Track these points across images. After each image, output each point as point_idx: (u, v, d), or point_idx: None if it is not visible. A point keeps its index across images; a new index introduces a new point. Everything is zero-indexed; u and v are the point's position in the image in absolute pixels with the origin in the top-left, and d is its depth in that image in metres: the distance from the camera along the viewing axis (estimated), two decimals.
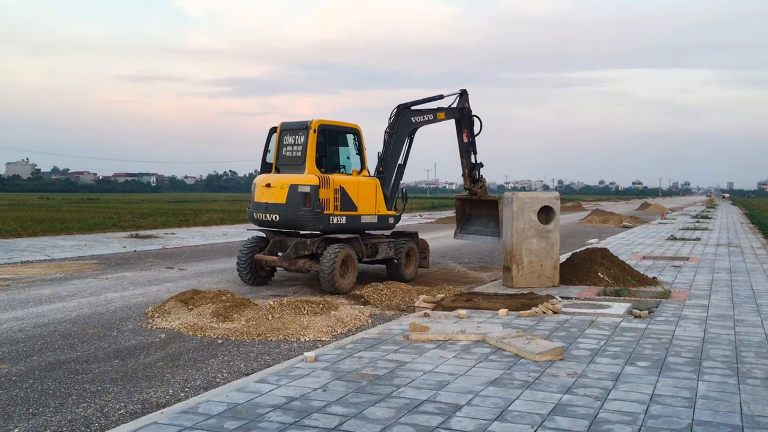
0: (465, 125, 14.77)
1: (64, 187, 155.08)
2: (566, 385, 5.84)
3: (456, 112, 14.65)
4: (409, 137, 13.84)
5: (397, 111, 13.46)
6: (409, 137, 13.82)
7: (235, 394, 5.59)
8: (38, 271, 14.56)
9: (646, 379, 6.03)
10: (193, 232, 27.15)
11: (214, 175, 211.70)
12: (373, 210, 12.73)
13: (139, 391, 6.24)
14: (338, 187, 12.06)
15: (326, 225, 11.93)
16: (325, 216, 11.84)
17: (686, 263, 15.89)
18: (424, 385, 5.84)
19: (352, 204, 12.29)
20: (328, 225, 11.94)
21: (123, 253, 18.65)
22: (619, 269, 12.38)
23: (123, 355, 7.52)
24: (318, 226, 11.91)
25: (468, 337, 7.61)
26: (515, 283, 11.84)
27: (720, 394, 5.61)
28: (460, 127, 14.79)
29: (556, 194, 12.48)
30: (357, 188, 12.45)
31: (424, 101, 14.10)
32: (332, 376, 6.10)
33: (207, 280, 13.55)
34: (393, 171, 13.48)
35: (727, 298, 10.73)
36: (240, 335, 8.37)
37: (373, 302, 10.84)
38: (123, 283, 13.03)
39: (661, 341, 7.58)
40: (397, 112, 13.46)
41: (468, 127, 14.80)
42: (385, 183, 13.24)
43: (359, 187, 12.48)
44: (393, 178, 13.46)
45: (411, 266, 13.61)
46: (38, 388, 6.31)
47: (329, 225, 11.95)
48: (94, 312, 10.02)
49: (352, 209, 12.31)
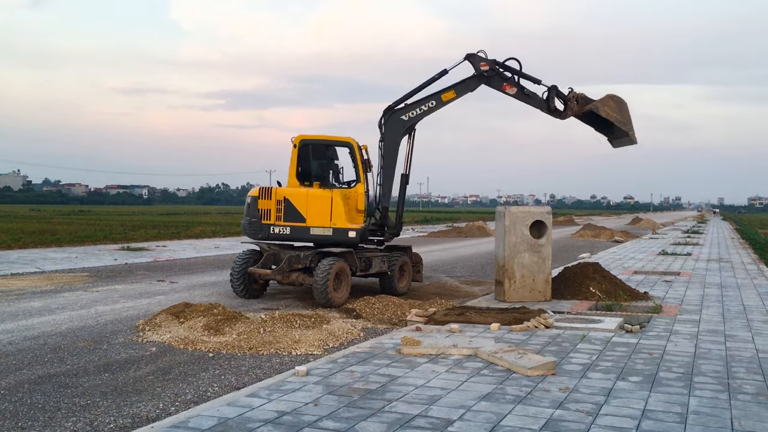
0: (499, 81, 12.81)
1: (55, 198, 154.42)
2: (558, 400, 5.84)
3: (475, 81, 12.84)
4: (409, 138, 13.21)
5: (383, 114, 12.99)
6: (409, 138, 13.19)
7: (226, 409, 5.56)
8: (28, 284, 14.47)
9: (637, 395, 6.04)
10: (184, 245, 27.05)
11: (206, 188, 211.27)
12: (327, 223, 12.39)
13: (129, 405, 6.20)
14: (281, 199, 12.45)
15: (265, 234, 12.53)
16: (264, 225, 12.46)
17: (677, 278, 15.95)
18: (416, 399, 5.82)
19: (299, 215, 12.42)
20: (267, 234, 12.52)
21: (114, 266, 18.56)
22: (611, 284, 12.41)
23: (113, 369, 7.47)
24: (257, 234, 12.59)
25: (460, 352, 7.60)
26: (507, 297, 11.85)
27: (711, 410, 5.62)
28: (499, 87, 12.83)
29: (548, 209, 12.53)
30: (306, 200, 12.47)
31: (423, 86, 12.88)
32: (324, 391, 6.07)
33: (198, 293, 13.50)
34: (390, 182, 13.09)
35: (718, 313, 10.77)
36: (231, 349, 8.33)
37: (365, 316, 10.83)
38: (114, 295, 12.96)
39: (653, 356, 7.59)
40: (383, 116, 13.00)
41: (504, 79, 12.82)
42: (384, 195, 13.06)
43: (308, 199, 12.49)
44: (390, 190, 13.08)
45: (404, 280, 13.61)
46: (27, 402, 6.26)
47: (269, 234, 12.50)
48: (85, 325, 9.96)
49: (299, 220, 12.42)
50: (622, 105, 12.63)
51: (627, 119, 12.60)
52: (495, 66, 12.78)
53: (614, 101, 12.60)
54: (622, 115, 12.56)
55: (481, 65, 12.75)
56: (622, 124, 12.54)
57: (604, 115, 12.47)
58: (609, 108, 12.48)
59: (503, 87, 12.79)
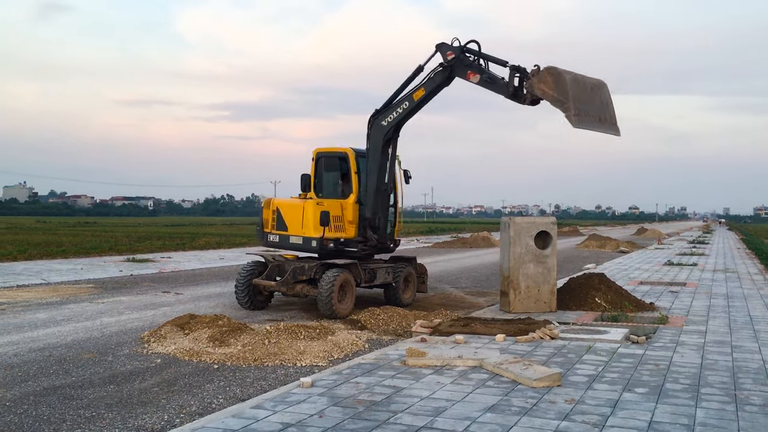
0: (463, 69, 11.84)
1: (61, 210, 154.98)
2: (564, 411, 5.81)
3: (440, 73, 12.03)
4: (385, 144, 12.53)
5: (369, 121, 12.65)
6: (384, 146, 12.51)
7: (231, 420, 5.55)
8: (34, 295, 14.50)
9: (644, 406, 6.01)
10: (189, 256, 27.10)
11: (211, 199, 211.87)
12: (300, 231, 12.69)
13: (134, 416, 6.20)
14: (275, 209, 13.16)
15: (265, 241, 13.35)
16: (264, 233, 13.28)
17: (683, 289, 15.89)
18: (421, 411, 5.81)
19: (284, 224, 13.00)
20: (266, 241, 13.31)
21: (119, 277, 18.59)
22: (617, 294, 12.37)
23: (118, 380, 7.48)
24: (260, 241, 13.55)
25: (465, 363, 7.58)
26: (512, 308, 11.82)
27: (718, 421, 5.58)
28: (464, 75, 11.86)
29: (552, 219, 12.52)
30: (288, 210, 12.99)
31: (403, 87, 12.41)
32: (329, 402, 6.06)
33: (203, 304, 13.51)
34: (372, 191, 12.69)
35: (724, 324, 10.72)
36: (236, 360, 8.33)
37: (370, 327, 10.81)
38: (119, 307, 12.98)
39: (659, 367, 7.56)
40: (369, 122, 12.66)
41: (468, 66, 11.82)
42: (365, 205, 12.85)
43: (290, 210, 12.95)
44: (372, 199, 12.68)
45: (409, 291, 13.60)
46: (33, 414, 6.26)
47: (267, 241, 13.30)
48: (90, 336, 9.98)
49: (284, 229, 13.00)
50: (559, 78, 10.78)
51: (564, 94, 10.66)
52: (461, 53, 11.81)
53: (551, 75, 10.85)
54: (559, 90, 10.72)
55: (448, 54, 11.88)
56: (559, 102, 10.72)
57: (540, 94, 10.95)
58: (545, 85, 10.85)
59: (467, 75, 11.79)
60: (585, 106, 10.84)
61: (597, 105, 11.14)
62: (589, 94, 11.04)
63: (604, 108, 11.25)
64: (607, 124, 11.26)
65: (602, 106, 11.23)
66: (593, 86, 11.25)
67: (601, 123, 11.15)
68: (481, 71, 11.72)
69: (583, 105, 10.80)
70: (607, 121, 11.28)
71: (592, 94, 11.13)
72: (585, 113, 10.83)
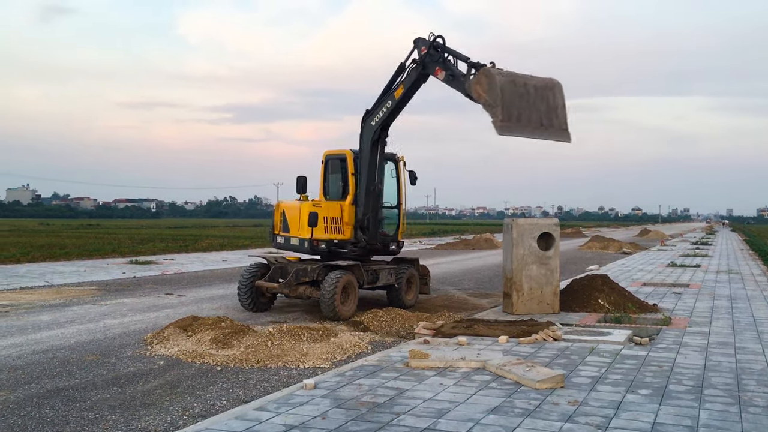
0: (432, 65, 11.49)
1: (64, 212, 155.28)
2: (567, 413, 5.81)
3: (415, 71, 11.77)
4: (374, 145, 12.45)
5: (361, 121, 12.57)
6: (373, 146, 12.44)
7: (234, 422, 5.56)
8: (37, 297, 14.52)
9: (647, 408, 6.00)
10: (192, 258, 27.13)
11: (213, 201, 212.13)
12: (297, 233, 12.88)
13: (137, 419, 6.20)
14: (282, 211, 13.39)
15: (274, 243, 13.63)
16: (275, 235, 13.57)
17: (686, 290, 15.87)
18: (424, 413, 5.80)
19: (287, 226, 13.23)
20: (275, 243, 13.59)
21: (122, 279, 18.62)
22: (620, 296, 12.36)
23: (121, 383, 7.48)
24: (271, 243, 13.86)
25: (468, 364, 7.58)
26: (515, 309, 11.81)
27: (722, 423, 5.57)
28: (433, 71, 11.50)
29: (555, 220, 12.51)
30: (290, 212, 13.20)
31: (388, 86, 12.24)
32: (332, 404, 6.06)
33: (206, 306, 13.52)
34: (362, 192, 12.63)
35: (727, 325, 10.70)
36: (239, 362, 8.33)
37: (373, 329, 10.81)
38: (122, 309, 12.99)
39: (662, 369, 7.55)
40: (361, 123, 12.59)
41: (437, 62, 11.44)
42: (357, 206, 12.84)
43: (291, 212, 13.17)
44: (363, 200, 12.61)
45: (411, 293, 13.59)
46: (36, 416, 6.27)
47: (276, 243, 13.57)
48: (93, 338, 9.99)
49: (287, 231, 13.23)
50: (492, 81, 10.12)
51: (494, 98, 10.03)
52: (433, 48, 11.45)
53: (486, 77, 10.22)
54: (490, 93, 10.09)
55: (422, 50, 11.58)
56: (489, 107, 10.13)
57: (475, 96, 10.40)
58: (480, 87, 10.25)
59: (436, 72, 11.36)
60: (522, 112, 10.21)
61: (539, 110, 10.44)
62: (530, 99, 10.37)
63: (550, 113, 10.51)
64: (550, 130, 10.49)
65: (547, 111, 10.50)
66: (539, 88, 10.52)
67: (540, 129, 10.41)
68: (446, 67, 11.32)
69: (518, 110, 10.19)
70: (553, 126, 10.51)
71: (536, 97, 10.44)
72: (518, 119, 10.19)
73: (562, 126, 10.52)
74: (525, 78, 10.48)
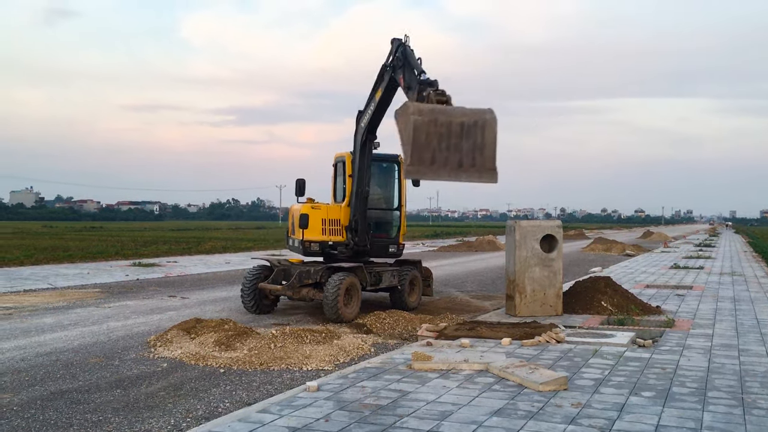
0: (398, 71, 10.92)
1: (67, 215, 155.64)
2: (570, 415, 5.80)
3: (387, 75, 11.40)
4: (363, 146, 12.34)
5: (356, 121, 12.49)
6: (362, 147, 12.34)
7: (238, 425, 5.56)
8: (41, 300, 14.55)
9: (650, 410, 5.99)
10: (195, 260, 27.16)
11: (216, 203, 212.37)
12: (297, 234, 13.12)
13: (140, 421, 6.21)
14: (294, 214, 13.59)
15: (287, 245, 14.27)
16: (289, 237, 14.01)
17: (690, 292, 15.84)
18: (427, 415, 5.80)
19: (294, 228, 13.51)
20: (288, 245, 14.12)
21: (126, 282, 18.64)
22: (623, 298, 12.34)
23: (125, 385, 7.50)
24: (286, 245, 14.42)
25: (471, 367, 7.57)
26: (518, 311, 11.80)
27: (725, 425, 5.56)
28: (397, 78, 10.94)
29: (558, 222, 12.50)
30: (293, 215, 13.52)
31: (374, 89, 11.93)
32: (335, 406, 6.07)
33: (209, 308, 13.54)
34: (353, 195, 12.65)
35: (731, 327, 10.68)
36: (242, 364, 8.34)
37: (376, 331, 10.81)
38: (125, 311, 13.01)
39: (666, 371, 7.54)
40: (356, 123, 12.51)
41: (399, 68, 10.84)
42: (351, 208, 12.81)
43: (294, 214, 13.46)
44: (354, 202, 12.59)
45: (414, 295, 13.59)
46: (40, 418, 6.28)
47: (287, 245, 14.19)
48: (97, 341, 10.01)
49: (293, 233, 13.62)
50: (406, 120, 8.95)
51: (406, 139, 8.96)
52: (401, 54, 10.85)
53: (403, 114, 9.05)
54: (403, 133, 9.06)
55: (395, 55, 11.09)
56: (403, 145, 9.08)
57: (398, 130, 9.25)
58: (400, 123, 9.15)
59: (399, 79, 10.74)
60: (438, 153, 9.04)
61: (461, 150, 9.20)
62: (451, 138, 9.12)
63: (474, 152, 9.29)
64: (470, 171, 9.29)
65: (471, 150, 9.27)
66: (467, 126, 9.25)
67: (458, 171, 9.23)
68: (405, 77, 10.66)
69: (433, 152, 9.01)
70: (475, 166, 9.31)
71: (460, 136, 9.19)
72: (431, 162, 9.04)
73: (487, 165, 9.34)
74: (451, 115, 9.25)
